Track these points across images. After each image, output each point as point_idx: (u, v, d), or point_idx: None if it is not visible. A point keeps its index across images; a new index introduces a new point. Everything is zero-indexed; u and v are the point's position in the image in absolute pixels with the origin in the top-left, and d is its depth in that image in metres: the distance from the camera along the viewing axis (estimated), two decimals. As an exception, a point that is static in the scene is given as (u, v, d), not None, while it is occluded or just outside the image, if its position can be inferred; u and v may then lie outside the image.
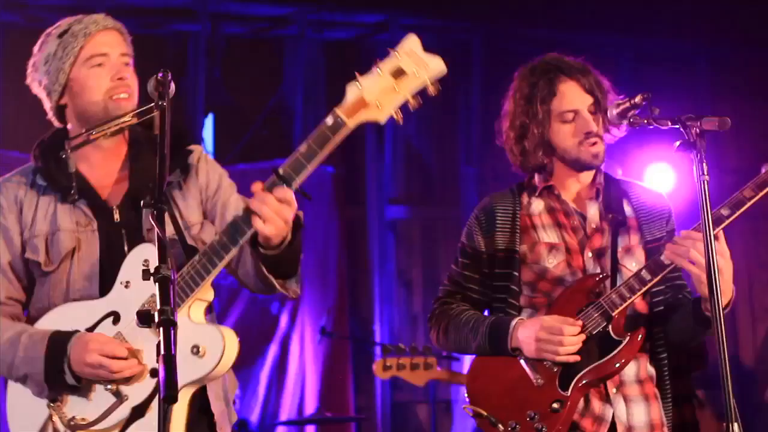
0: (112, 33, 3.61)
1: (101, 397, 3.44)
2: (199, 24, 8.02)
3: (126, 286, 3.46)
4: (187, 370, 3.28)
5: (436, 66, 3.08)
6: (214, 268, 3.32)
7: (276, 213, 3.18)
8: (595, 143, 3.96)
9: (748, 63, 8.92)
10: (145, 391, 3.38)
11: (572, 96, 4.00)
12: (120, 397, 3.42)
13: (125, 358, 3.39)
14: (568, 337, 3.77)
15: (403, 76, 3.08)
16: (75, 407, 3.48)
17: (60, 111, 3.67)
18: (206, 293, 3.43)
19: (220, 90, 8.05)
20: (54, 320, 3.55)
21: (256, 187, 3.23)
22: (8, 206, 3.65)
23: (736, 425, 3.20)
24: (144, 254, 3.43)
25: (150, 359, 3.40)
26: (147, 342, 3.41)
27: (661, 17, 8.42)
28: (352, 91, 3.13)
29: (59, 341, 3.45)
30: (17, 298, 3.66)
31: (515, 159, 4.12)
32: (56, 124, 3.72)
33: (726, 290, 3.58)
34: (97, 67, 3.55)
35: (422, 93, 3.12)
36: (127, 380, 3.41)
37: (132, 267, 3.45)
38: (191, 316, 3.37)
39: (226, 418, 3.62)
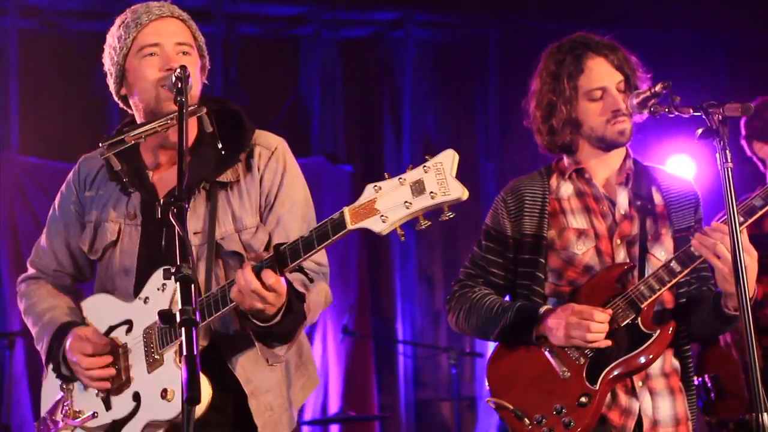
0: (168, 21, 3.52)
1: (94, 399, 3.52)
2: (215, 25, 8.12)
3: (145, 302, 3.45)
4: (151, 411, 3.36)
5: (455, 193, 2.92)
6: (207, 319, 3.28)
7: (257, 294, 3.13)
8: (622, 121, 3.89)
9: (765, 50, 8.88)
10: (125, 409, 3.44)
11: (600, 73, 3.94)
12: (107, 406, 3.48)
13: (106, 366, 3.45)
14: (596, 323, 3.70)
15: (421, 192, 2.93)
16: (78, 399, 3.57)
17: (124, 100, 3.61)
18: (200, 339, 3.33)
19: (236, 91, 8.05)
20: (88, 307, 3.66)
21: (249, 257, 3.22)
22: (76, 186, 3.71)
23: (766, 415, 3.21)
24: (163, 278, 3.41)
25: (138, 378, 3.43)
26: (140, 363, 3.44)
27: (677, 9, 8.44)
28: (368, 193, 2.99)
29: (61, 331, 3.55)
30: (67, 272, 3.77)
31: (542, 139, 4.06)
32: (129, 111, 3.65)
33: (749, 287, 3.51)
34: (148, 57, 3.47)
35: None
36: (116, 391, 3.47)
37: (153, 285, 3.44)
38: (177, 360, 3.32)
39: (284, 427, 3.55)
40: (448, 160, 2.94)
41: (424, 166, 2.93)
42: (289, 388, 3.57)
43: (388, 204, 2.95)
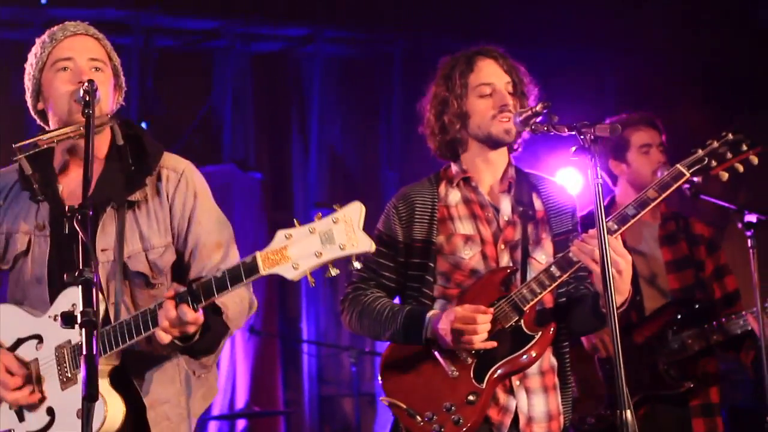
0: (82, 38, 3.57)
1: (8, 412, 3.56)
2: (133, 37, 8.03)
3: (54, 319, 3.48)
4: (66, 427, 3.42)
5: (363, 246, 2.98)
6: (122, 345, 3.34)
7: (176, 327, 3.22)
8: (508, 119, 4.00)
9: (653, 74, 8.99)
10: (39, 423, 3.49)
11: (489, 71, 4.07)
12: (20, 418, 3.53)
13: (20, 386, 3.49)
14: (481, 325, 3.78)
15: (331, 243, 2.99)
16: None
17: (41, 115, 3.67)
18: (112, 359, 3.43)
19: (153, 100, 8.05)
20: None
21: (168, 293, 3.23)
22: None
23: (628, 412, 3.34)
24: (74, 297, 3.37)
25: (51, 394, 3.49)
26: (52, 379, 3.48)
27: (568, 30, 8.56)
28: (279, 240, 3.05)
29: None
30: None
31: (434, 140, 4.17)
32: (45, 127, 3.68)
33: (623, 290, 3.72)
34: (62, 71, 3.53)
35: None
36: (30, 407, 3.50)
37: (62, 304, 3.45)
38: None
39: None
40: (356, 213, 3.01)
41: (334, 218, 3.01)
42: (189, 398, 3.61)
43: (299, 252, 3.01)
